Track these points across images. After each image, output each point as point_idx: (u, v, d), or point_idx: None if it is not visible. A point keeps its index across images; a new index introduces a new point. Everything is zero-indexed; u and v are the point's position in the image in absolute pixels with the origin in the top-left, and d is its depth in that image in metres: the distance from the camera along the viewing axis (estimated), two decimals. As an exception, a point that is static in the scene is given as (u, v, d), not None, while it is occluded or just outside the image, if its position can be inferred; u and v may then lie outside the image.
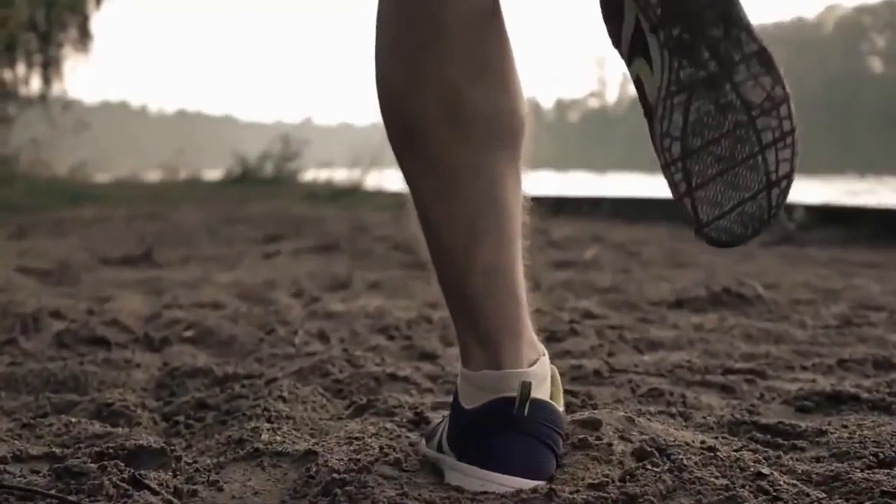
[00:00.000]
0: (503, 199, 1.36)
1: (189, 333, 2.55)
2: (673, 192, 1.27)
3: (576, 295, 3.35)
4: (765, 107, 1.24)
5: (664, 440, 1.42)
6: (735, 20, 1.24)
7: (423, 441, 1.51)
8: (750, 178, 1.25)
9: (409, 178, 1.38)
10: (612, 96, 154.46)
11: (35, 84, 20.59)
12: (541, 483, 1.30)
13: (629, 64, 1.32)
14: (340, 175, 14.34)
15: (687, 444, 1.42)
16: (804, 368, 2.15)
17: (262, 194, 13.98)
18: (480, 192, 1.35)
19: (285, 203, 11.68)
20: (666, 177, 1.27)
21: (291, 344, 2.39)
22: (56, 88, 20.32)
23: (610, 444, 1.37)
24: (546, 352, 1.40)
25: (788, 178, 1.26)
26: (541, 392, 1.36)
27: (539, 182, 2.26)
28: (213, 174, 17.15)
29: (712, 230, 1.25)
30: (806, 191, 13.35)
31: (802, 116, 1.29)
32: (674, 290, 3.56)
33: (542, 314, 2.74)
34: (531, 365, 1.37)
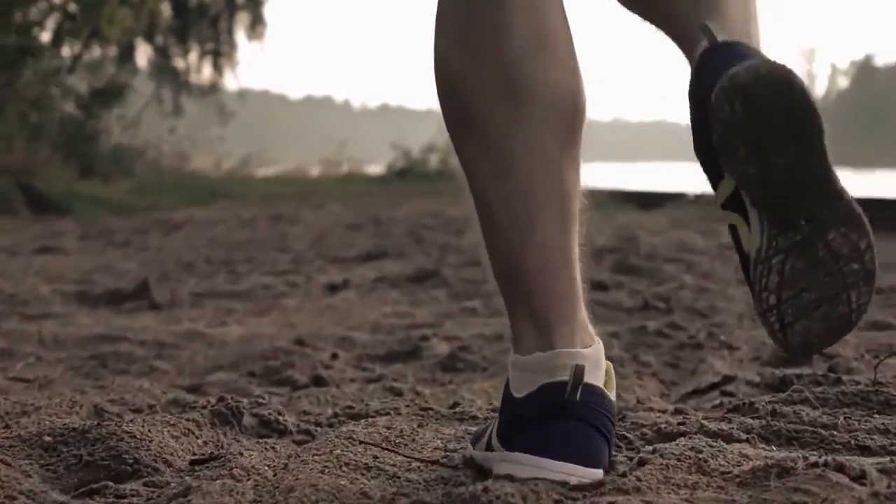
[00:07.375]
0: (558, 180, 1.35)
1: None
2: (767, 331, 1.31)
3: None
4: (851, 256, 1.30)
5: None
6: (830, 194, 1.28)
7: (470, 446, 1.47)
8: (834, 310, 1.30)
9: (466, 161, 1.38)
10: (820, 89, 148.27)
11: (207, 73, 19.84)
12: (596, 472, 1.28)
13: (721, 207, 1.33)
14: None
15: None
16: None
17: (424, 191, 12.49)
18: (537, 171, 1.35)
19: (443, 202, 10.09)
20: (761, 319, 1.32)
21: None
22: (228, 78, 19.57)
23: None
24: (600, 340, 1.38)
25: (865, 305, 1.31)
26: (594, 378, 1.34)
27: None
28: (378, 169, 15.87)
29: (795, 334, 1.30)
30: None
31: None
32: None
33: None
34: (585, 349, 1.35)
